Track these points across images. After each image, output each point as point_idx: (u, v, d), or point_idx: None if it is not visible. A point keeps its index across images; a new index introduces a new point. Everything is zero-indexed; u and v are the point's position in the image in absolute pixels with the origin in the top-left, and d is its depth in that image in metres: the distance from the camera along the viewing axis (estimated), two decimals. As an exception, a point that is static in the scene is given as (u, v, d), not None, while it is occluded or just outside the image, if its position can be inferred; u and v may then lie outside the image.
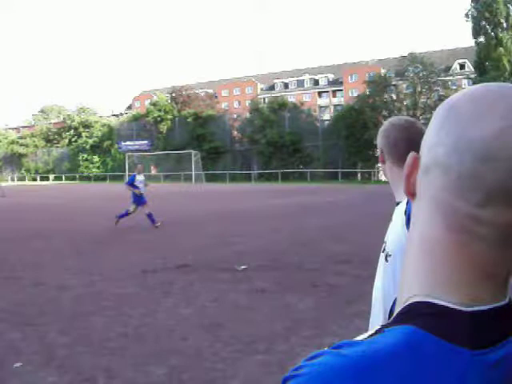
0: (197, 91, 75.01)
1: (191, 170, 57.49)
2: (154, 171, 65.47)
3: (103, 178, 66.95)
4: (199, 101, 70.17)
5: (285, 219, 17.86)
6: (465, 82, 63.37)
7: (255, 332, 5.86)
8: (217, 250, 11.66)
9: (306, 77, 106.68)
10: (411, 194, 0.71)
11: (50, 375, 4.78)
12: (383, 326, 0.67)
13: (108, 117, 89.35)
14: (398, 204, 2.11)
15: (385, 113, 54.17)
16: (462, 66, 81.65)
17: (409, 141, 2.09)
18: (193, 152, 57.61)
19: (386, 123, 2.25)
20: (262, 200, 28.10)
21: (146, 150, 65.22)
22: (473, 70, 62.38)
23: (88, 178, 68.88)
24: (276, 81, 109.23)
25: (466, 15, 51.20)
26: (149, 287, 8.19)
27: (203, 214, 19.79)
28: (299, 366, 0.65)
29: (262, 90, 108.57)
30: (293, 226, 16.05)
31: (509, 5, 48.18)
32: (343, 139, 53.94)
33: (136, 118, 70.97)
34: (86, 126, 74.22)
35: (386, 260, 2.04)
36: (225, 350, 5.28)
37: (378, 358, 0.60)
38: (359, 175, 55.04)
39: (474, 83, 49.25)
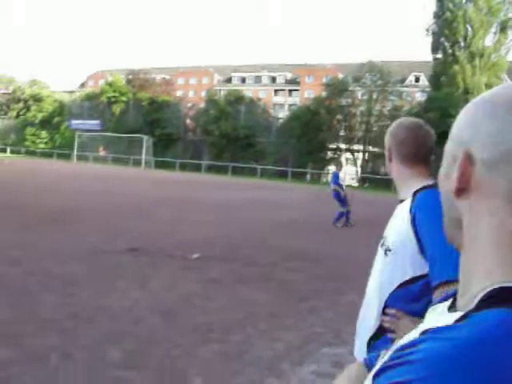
0: (153, 76, 74.04)
1: (141, 155, 56.68)
2: (102, 153, 64.29)
3: (50, 155, 65.16)
4: (156, 86, 69.27)
5: (237, 212, 17.83)
6: (418, 94, 64.53)
7: (210, 321, 5.81)
8: (169, 237, 11.52)
9: (264, 73, 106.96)
10: (461, 189, 0.72)
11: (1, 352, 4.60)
12: (468, 312, 0.67)
13: (60, 92, 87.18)
14: (401, 201, 2.16)
15: (339, 117, 54.76)
16: (417, 79, 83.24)
17: (417, 141, 2.17)
18: (145, 137, 56.71)
19: (395, 123, 2.29)
20: (212, 191, 27.99)
21: (96, 130, 63.88)
22: (427, 83, 63.74)
23: (34, 153, 67.00)
24: (233, 74, 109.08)
25: (427, 30, 52.45)
26: (99, 268, 8.01)
27: (154, 200, 19.52)
28: (398, 355, 0.65)
29: (218, 81, 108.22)
30: (245, 220, 16.03)
31: (468, 25, 49.45)
32: (296, 139, 54.17)
33: (89, 97, 69.38)
34: (37, 99, 72.19)
35: (386, 254, 2.08)
36: (180, 337, 5.22)
37: (485, 338, 0.61)
38: (308, 176, 55.36)
39: (428, 97, 50.44)
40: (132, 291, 6.79)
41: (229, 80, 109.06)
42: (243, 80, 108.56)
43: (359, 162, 54.96)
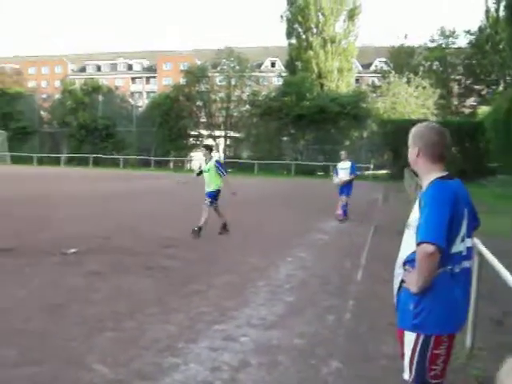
0: (1, 65, 70.13)
1: (-5, 151, 53.69)
2: None
3: None
4: (5, 76, 65.61)
5: (105, 204, 17.70)
6: (275, 79, 66.49)
7: (100, 311, 5.98)
8: (40, 234, 11.32)
9: (120, 61, 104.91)
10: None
11: None
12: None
13: None
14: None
15: (199, 103, 55.12)
16: (273, 64, 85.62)
17: (444, 144, 3.01)
18: (-2, 132, 53.84)
19: (423, 127, 3.08)
20: (76, 184, 27.37)
21: None
22: (283, 68, 65.83)
23: None
24: (88, 62, 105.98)
25: (281, 16, 54.30)
26: (-26, 270, 7.83)
27: (16, 198, 18.85)
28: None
29: (72, 70, 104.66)
30: (114, 211, 16.01)
31: (319, 13, 51.83)
32: (157, 127, 53.88)
33: None
34: None
35: (407, 228, 2.98)
36: (73, 329, 5.35)
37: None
38: (171, 163, 55.27)
39: (284, 82, 52.23)
40: (14, 291, 6.76)
41: (83, 69, 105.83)
42: (98, 68, 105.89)
43: (221, 148, 55.72)
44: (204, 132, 55.40)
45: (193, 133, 55.38)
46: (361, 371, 4.67)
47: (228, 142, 56.10)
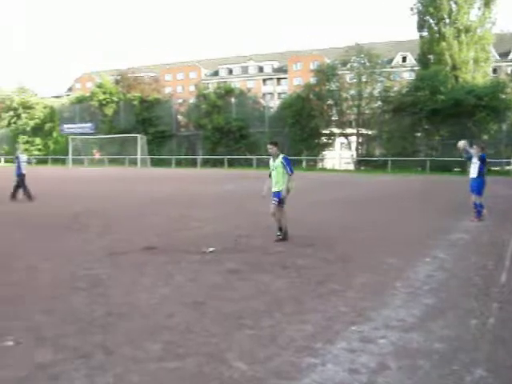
0: (141, 74, 74.22)
1: (136, 154, 56.96)
2: (97, 155, 64.40)
3: (45, 161, 65.25)
4: (145, 84, 69.31)
5: (241, 204, 18.11)
6: (406, 74, 64.85)
7: (239, 309, 6.10)
8: (180, 233, 11.82)
9: (251, 63, 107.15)
10: None
11: (45, 354, 4.80)
12: None
13: (48, 98, 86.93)
14: None
15: (330, 102, 54.94)
16: (404, 59, 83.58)
17: None
18: (139, 136, 57.08)
19: None
20: (213, 185, 28.26)
21: (89, 133, 64.06)
22: (414, 62, 63.99)
23: (28, 161, 66.64)
24: (220, 66, 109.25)
25: (412, 9, 52.86)
26: (121, 268, 8.28)
27: (158, 198, 19.83)
28: None
29: (205, 75, 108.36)
30: (249, 210, 16.32)
31: (451, 2, 49.82)
32: (289, 127, 54.38)
33: (80, 101, 69.41)
34: (27, 107, 72.10)
35: None
36: (214, 326, 5.51)
37: None
38: (304, 163, 55.52)
39: (417, 76, 50.76)
40: (159, 288, 7.08)
41: (216, 73, 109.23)
42: (230, 71, 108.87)
43: (353, 146, 55.19)
44: (336, 130, 55.17)
45: (324, 131, 55.31)
46: (508, 381, 4.39)
47: (360, 140, 55.46)
